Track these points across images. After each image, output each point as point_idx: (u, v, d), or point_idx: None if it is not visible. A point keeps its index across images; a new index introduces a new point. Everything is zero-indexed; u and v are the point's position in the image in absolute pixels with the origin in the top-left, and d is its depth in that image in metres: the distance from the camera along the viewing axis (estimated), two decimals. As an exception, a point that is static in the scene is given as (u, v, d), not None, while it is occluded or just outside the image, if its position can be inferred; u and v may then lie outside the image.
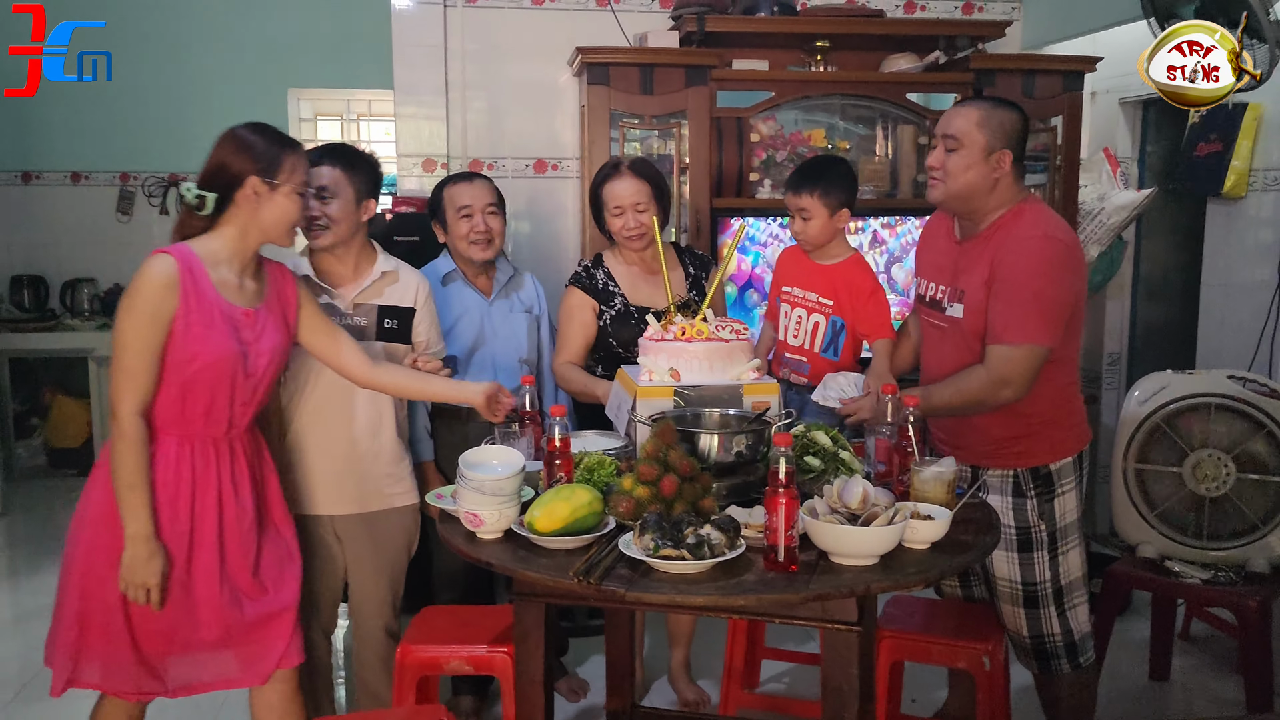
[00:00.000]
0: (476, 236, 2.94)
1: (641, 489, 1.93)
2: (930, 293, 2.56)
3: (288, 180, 2.18)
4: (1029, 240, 2.33)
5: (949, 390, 2.40)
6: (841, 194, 2.85)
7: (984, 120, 2.35)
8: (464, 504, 1.96)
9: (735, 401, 2.35)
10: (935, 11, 4.62)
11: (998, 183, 2.36)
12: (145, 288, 2.06)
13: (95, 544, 2.13)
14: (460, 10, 4.25)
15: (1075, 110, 4.14)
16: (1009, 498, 2.48)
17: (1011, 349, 2.31)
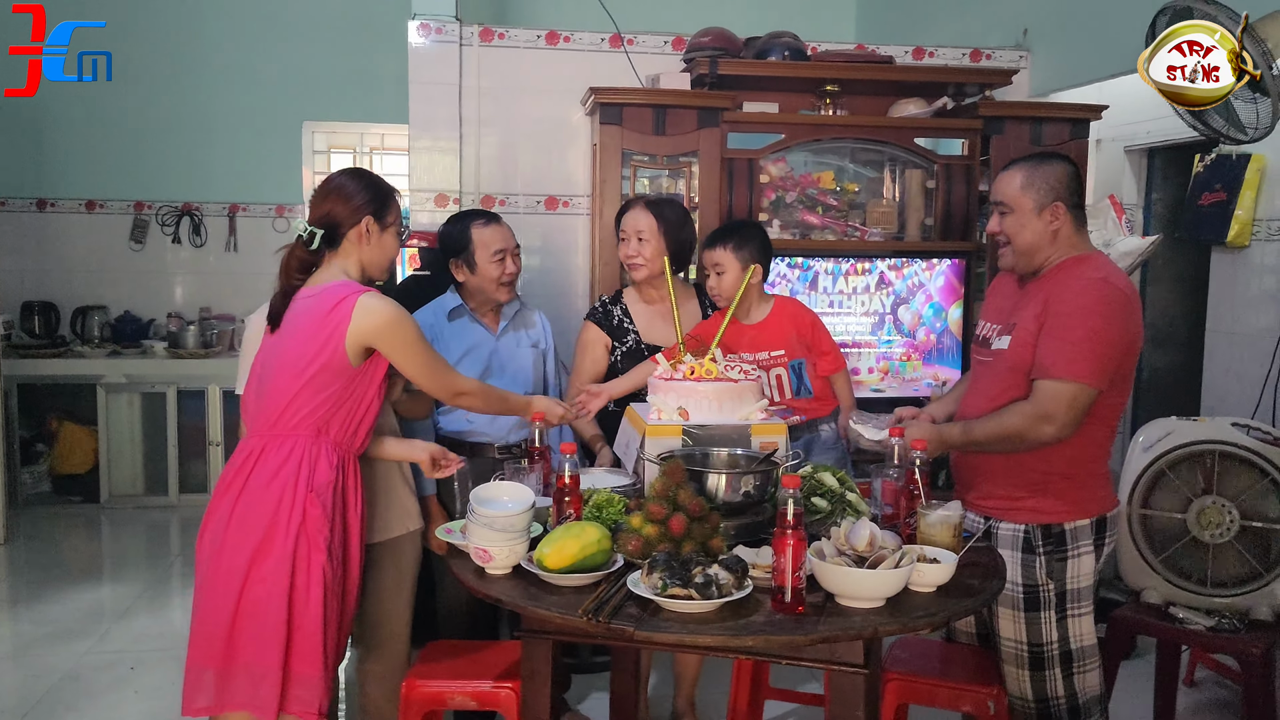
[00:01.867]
0: (508, 279, 2.99)
1: (650, 527, 1.95)
2: (983, 332, 2.57)
3: (394, 221, 2.41)
4: (1088, 280, 2.34)
5: (990, 424, 2.35)
6: (754, 251, 2.98)
7: (1028, 180, 2.39)
8: (474, 539, 1.97)
9: (743, 441, 2.37)
10: (944, 58, 4.69)
11: (1057, 234, 2.39)
12: (401, 317, 2.32)
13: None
14: (476, 49, 4.32)
15: (1081, 157, 4.19)
16: (1018, 553, 2.41)
17: (1058, 384, 2.27)
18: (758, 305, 3.04)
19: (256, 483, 2.25)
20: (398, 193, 2.46)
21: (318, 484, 2.24)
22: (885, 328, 4.22)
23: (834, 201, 4.24)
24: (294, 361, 2.28)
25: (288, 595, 2.20)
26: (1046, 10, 4.63)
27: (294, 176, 6.34)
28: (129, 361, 5.82)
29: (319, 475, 2.26)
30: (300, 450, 2.26)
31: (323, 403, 2.27)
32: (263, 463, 2.26)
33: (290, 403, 2.27)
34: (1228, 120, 3.05)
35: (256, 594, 2.20)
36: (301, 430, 2.27)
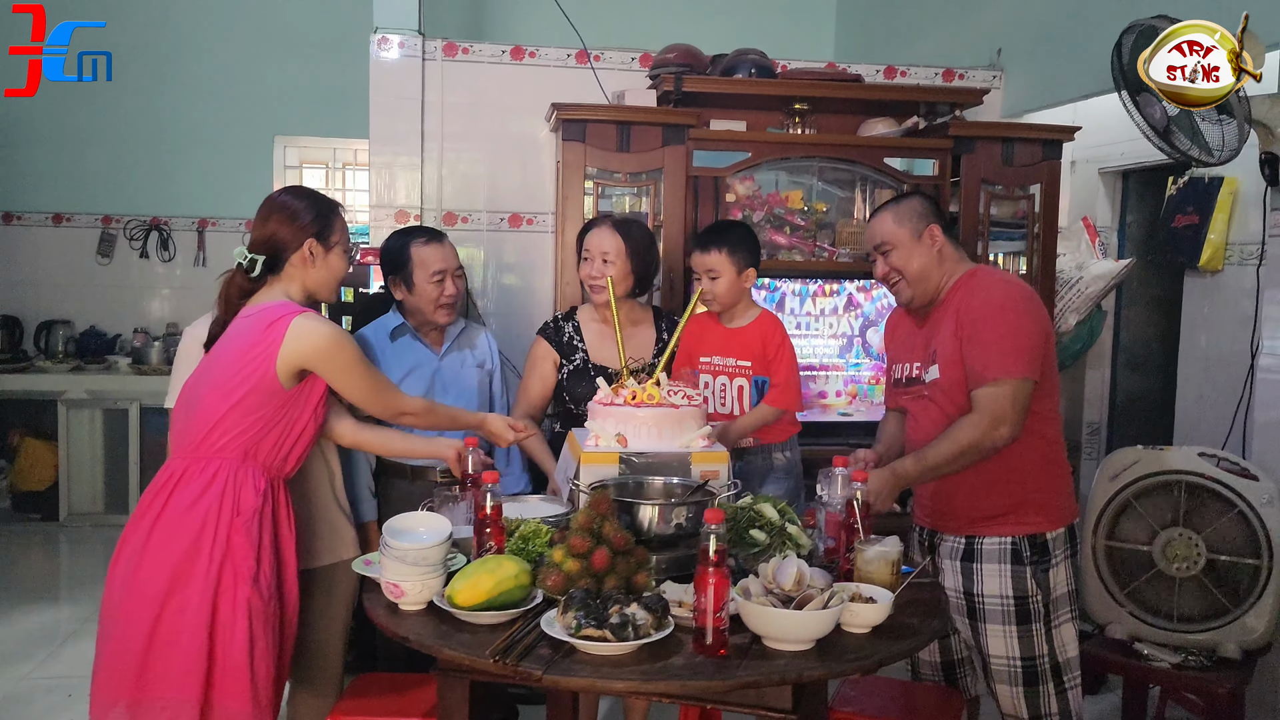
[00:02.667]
0: (446, 301, 2.90)
1: (572, 562, 1.85)
2: (905, 373, 2.58)
3: (339, 240, 2.34)
4: (988, 286, 2.42)
5: (943, 445, 2.34)
6: (747, 253, 2.89)
7: (897, 216, 2.50)
8: (386, 573, 1.88)
9: (683, 470, 2.28)
10: (916, 77, 4.62)
11: (940, 254, 2.47)
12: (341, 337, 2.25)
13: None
14: (439, 63, 4.24)
15: (1054, 179, 4.12)
16: (1007, 565, 2.41)
17: (997, 386, 2.30)
18: (744, 310, 2.97)
19: (176, 507, 2.16)
20: (342, 208, 2.39)
21: (244, 509, 2.15)
22: (854, 350, 4.13)
23: (802, 221, 4.15)
24: (223, 383, 2.20)
25: (209, 626, 2.10)
26: (1020, 31, 4.57)
27: (265, 191, 6.01)
28: (92, 377, 5.72)
29: (245, 501, 2.18)
30: (225, 474, 2.18)
31: (251, 425, 2.19)
32: (183, 486, 2.17)
33: (217, 424, 2.19)
34: (1194, 142, 2.98)
35: (174, 624, 2.10)
36: (227, 453, 2.18)
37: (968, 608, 2.45)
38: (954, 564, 2.47)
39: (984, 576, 2.42)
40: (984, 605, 2.42)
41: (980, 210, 4.08)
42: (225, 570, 2.13)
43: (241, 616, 2.12)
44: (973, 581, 2.44)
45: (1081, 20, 4.14)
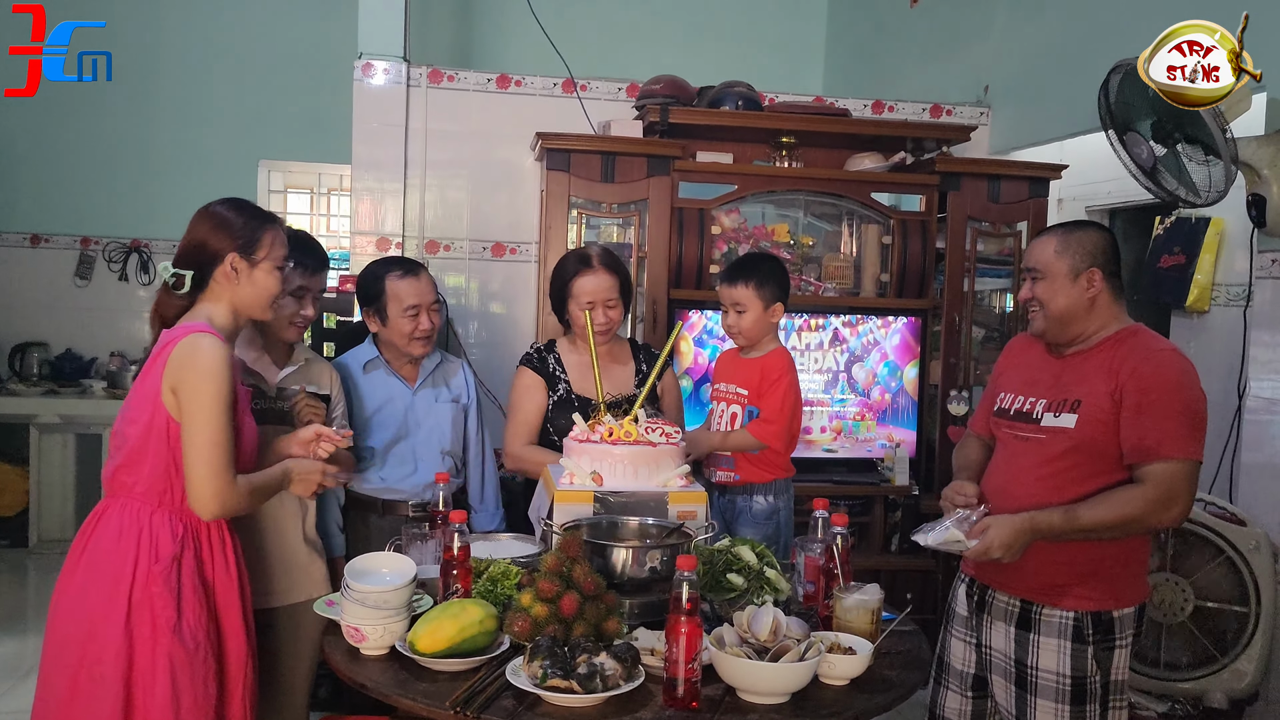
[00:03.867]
0: (421, 334, 2.83)
1: (540, 607, 1.78)
2: (1017, 405, 2.36)
3: (267, 256, 2.15)
4: (1163, 354, 2.21)
5: (1103, 509, 2.14)
6: (776, 288, 2.81)
7: (1062, 245, 2.28)
8: (346, 616, 1.81)
9: (660, 510, 2.22)
10: (904, 113, 4.61)
11: (1094, 301, 2.26)
12: (223, 368, 2.00)
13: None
14: (424, 90, 4.21)
15: (1040, 216, 4.11)
16: (1067, 641, 2.21)
17: (1175, 465, 2.11)
18: (765, 343, 2.87)
19: (95, 550, 2.02)
20: (277, 223, 2.21)
21: (161, 556, 2.00)
22: (839, 386, 4.09)
23: (788, 255, 4.12)
24: (131, 418, 2.05)
25: (125, 680, 1.95)
26: (1008, 68, 4.57)
27: (248, 215, 6.17)
28: (64, 401, 5.62)
29: (161, 547, 2.01)
30: (141, 518, 2.02)
31: (155, 468, 2.02)
32: (103, 528, 2.04)
33: (123, 464, 2.04)
34: (1180, 182, 2.96)
35: (92, 674, 1.96)
36: (139, 496, 2.04)
37: (1017, 676, 2.27)
38: (1008, 628, 2.28)
39: (1040, 649, 2.22)
40: (1037, 679, 2.23)
41: (967, 246, 4.06)
42: (142, 620, 1.97)
43: (162, 670, 1.96)
44: (1027, 652, 2.24)
45: (1068, 59, 4.14)
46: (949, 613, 2.50)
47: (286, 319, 2.47)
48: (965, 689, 2.41)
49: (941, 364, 4.09)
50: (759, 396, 2.79)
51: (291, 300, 2.46)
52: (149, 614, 1.97)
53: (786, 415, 2.77)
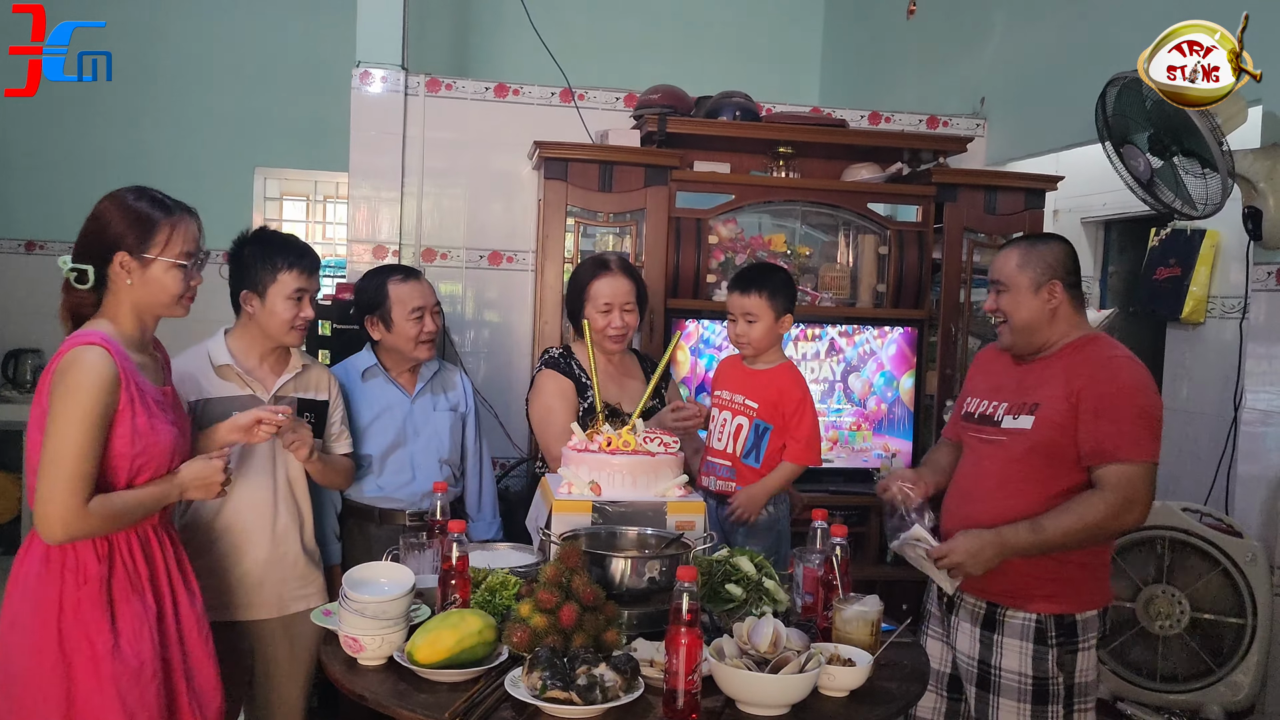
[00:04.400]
0: (426, 337, 2.84)
1: (539, 617, 1.78)
2: (981, 409, 2.45)
3: (162, 252, 1.98)
4: (1118, 360, 2.29)
5: (1065, 518, 2.20)
6: (786, 299, 2.81)
7: (1024, 259, 2.36)
8: (344, 626, 1.80)
9: (658, 520, 2.22)
10: (901, 124, 4.62)
11: (1055, 312, 2.34)
12: (92, 386, 1.85)
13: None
14: (422, 98, 4.21)
15: (1037, 227, 4.10)
16: (1029, 643, 2.28)
17: (1131, 467, 2.18)
18: (771, 354, 2.86)
19: (23, 582, 1.92)
20: (179, 214, 2.04)
21: (89, 577, 1.89)
22: (835, 396, 4.09)
23: (785, 265, 4.12)
24: (33, 442, 1.94)
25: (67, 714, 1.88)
26: (1004, 79, 4.58)
27: (244, 223, 6.12)
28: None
29: (86, 570, 1.91)
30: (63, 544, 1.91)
31: None
32: (30, 556, 1.94)
33: (34, 489, 1.92)
34: (1177, 195, 2.97)
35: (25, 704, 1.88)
36: None
37: (979, 677, 2.33)
38: (973, 629, 2.35)
39: (1004, 650, 2.30)
40: (1000, 679, 2.30)
41: (963, 257, 4.07)
42: (77, 648, 1.88)
43: (110, 696, 1.87)
44: (991, 652, 2.31)
45: (1064, 70, 4.16)
46: (924, 613, 2.56)
47: (286, 323, 2.45)
48: (941, 688, 2.48)
49: (938, 374, 4.09)
50: (781, 418, 2.78)
51: (290, 304, 2.44)
52: (84, 640, 1.88)
53: (818, 432, 2.79)
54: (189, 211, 2.08)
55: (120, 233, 1.97)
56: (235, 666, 2.46)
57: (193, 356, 2.45)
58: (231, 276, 2.49)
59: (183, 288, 2.03)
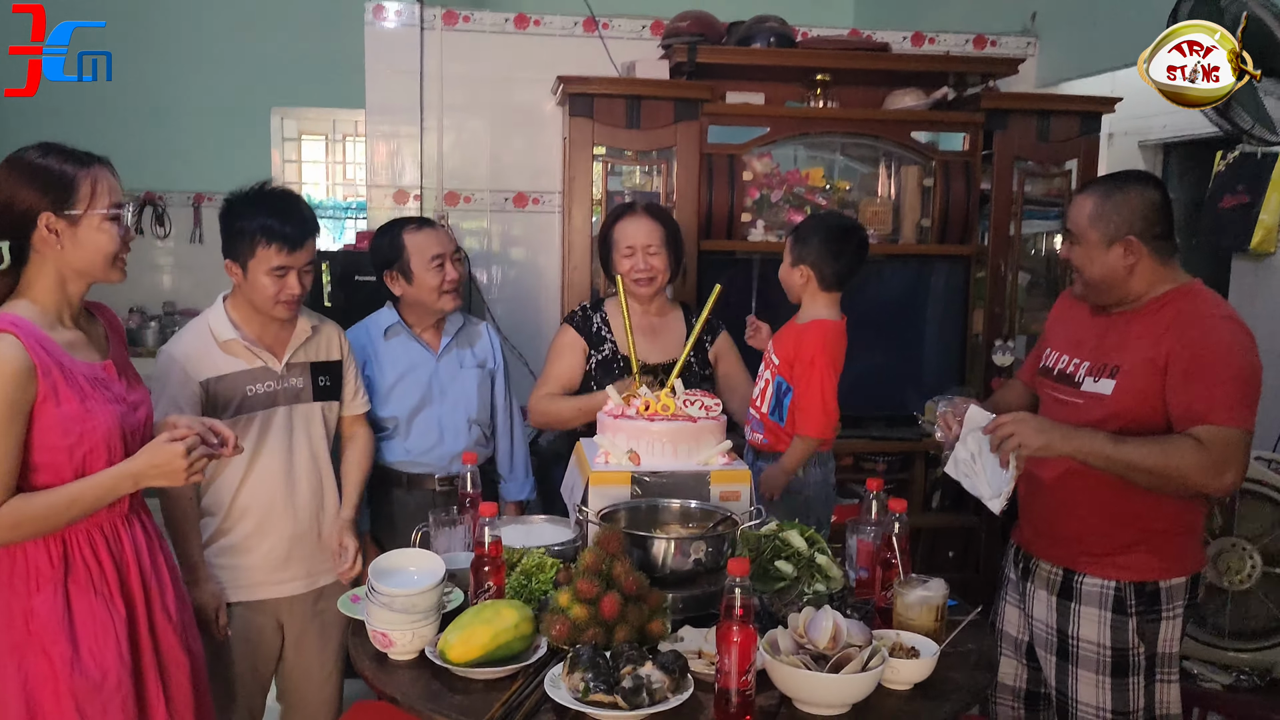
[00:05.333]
0: (449, 286, 2.69)
1: (579, 608, 1.65)
2: (1060, 365, 2.26)
3: (90, 206, 1.79)
4: (1218, 320, 2.07)
5: (1152, 450, 1.98)
6: (805, 249, 2.59)
7: (1098, 210, 2.13)
8: (373, 621, 1.69)
9: (701, 490, 2.08)
10: (945, 45, 4.36)
11: (1133, 269, 2.11)
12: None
13: None
14: (439, 32, 4.00)
15: (1092, 154, 3.88)
16: (1107, 612, 2.13)
17: (1228, 431, 1.96)
18: (808, 307, 2.64)
19: None
20: (96, 164, 1.83)
21: (42, 586, 1.75)
22: (878, 336, 3.91)
23: (823, 200, 3.92)
24: None
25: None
26: (1057, -8, 4.30)
27: (263, 164, 6.02)
28: (85, 360, 5.53)
29: (39, 577, 1.76)
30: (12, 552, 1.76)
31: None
32: None
33: None
34: (1256, 118, 2.75)
35: None
36: None
37: (1059, 646, 2.20)
38: (1049, 597, 2.21)
39: (1081, 619, 2.16)
40: (1078, 649, 2.16)
41: (1013, 188, 3.85)
42: (36, 662, 1.74)
43: (69, 710, 1.74)
44: (1068, 621, 2.17)
45: (1123, -19, 3.88)
46: (1002, 578, 2.42)
47: (270, 299, 2.27)
48: (1020, 656, 2.35)
49: (985, 313, 3.91)
50: (791, 374, 2.59)
51: (272, 280, 2.25)
52: (41, 653, 1.74)
53: (823, 399, 2.53)
54: (103, 162, 1.86)
55: (36, 196, 1.77)
56: (261, 645, 2.38)
57: (194, 333, 2.31)
58: (222, 238, 2.32)
59: (118, 244, 1.84)
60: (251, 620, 2.36)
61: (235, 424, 2.28)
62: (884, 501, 1.96)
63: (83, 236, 1.80)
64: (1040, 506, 2.25)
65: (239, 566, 2.35)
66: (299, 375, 2.38)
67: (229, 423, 2.25)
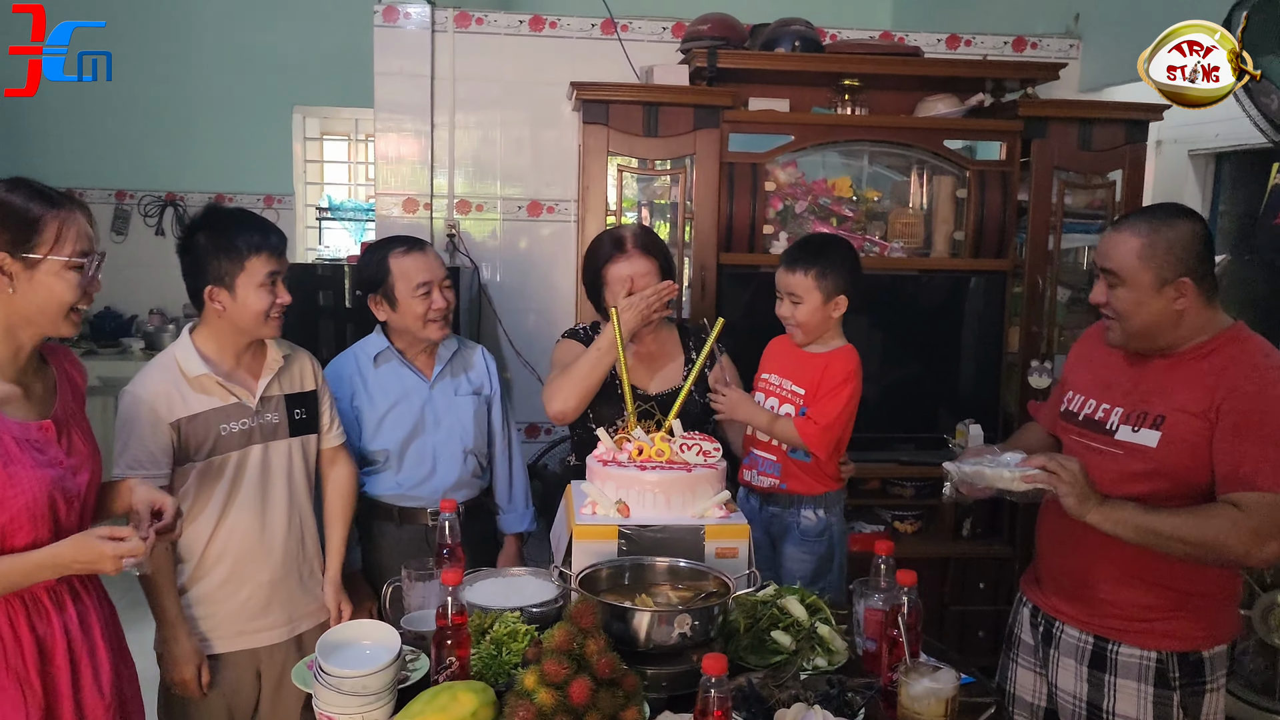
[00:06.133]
0: (435, 315, 2.54)
1: (545, 693, 1.50)
2: (1087, 410, 2.07)
3: (52, 251, 1.68)
4: (1266, 367, 1.87)
5: (1189, 522, 1.82)
6: (840, 279, 2.42)
7: (1148, 249, 1.90)
8: (319, 702, 1.54)
9: (695, 547, 1.92)
10: (982, 47, 4.13)
11: (1184, 313, 1.92)
12: None
13: None
14: (450, 35, 3.86)
15: (1138, 164, 3.66)
16: (1148, 686, 1.95)
17: (1275, 496, 1.80)
18: (828, 338, 2.49)
19: None
20: (66, 207, 1.72)
21: None
22: (906, 356, 3.72)
23: (850, 212, 3.73)
24: None
25: None
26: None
27: (284, 164, 5.94)
28: (104, 362, 5.46)
29: None
30: None
31: None
32: None
33: None
34: (1318, 136, 2.51)
35: None
36: None
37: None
38: (1078, 666, 2.02)
39: (1117, 692, 1.97)
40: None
41: (1053, 200, 3.63)
42: None
43: None
44: (1102, 695, 1.98)
45: (1174, -19, 3.63)
46: (1012, 639, 2.21)
47: (262, 314, 2.15)
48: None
49: (1021, 330, 3.70)
50: (815, 398, 2.43)
51: (264, 292, 2.13)
52: None
53: (841, 424, 2.39)
54: (79, 205, 1.74)
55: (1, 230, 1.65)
56: (238, 697, 2.26)
57: (161, 369, 2.17)
58: (187, 272, 2.19)
59: (76, 294, 1.71)
60: (228, 673, 2.24)
61: (209, 467, 2.16)
62: (892, 568, 1.78)
63: (39, 281, 1.68)
64: (1065, 563, 2.05)
65: (215, 616, 2.22)
66: (274, 410, 2.24)
67: (202, 466, 2.15)
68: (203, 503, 2.17)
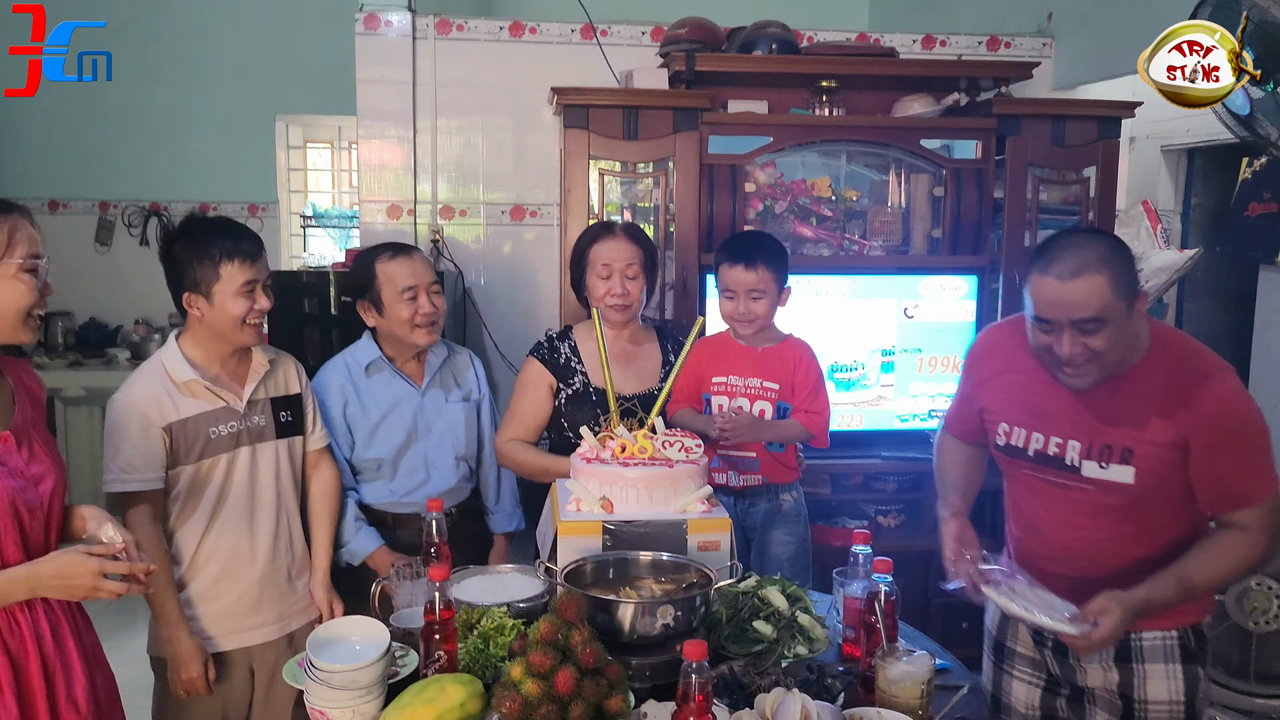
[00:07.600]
0: (422, 320, 2.57)
1: (531, 684, 1.53)
2: (1036, 445, 2.00)
3: (5, 254, 1.69)
4: (1218, 380, 1.86)
5: (1217, 567, 1.87)
6: (785, 269, 2.57)
7: (1115, 281, 1.81)
8: (310, 698, 1.57)
9: (678, 540, 1.96)
10: (957, 47, 4.19)
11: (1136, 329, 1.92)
12: None
13: None
14: (431, 42, 3.89)
15: (1111, 160, 3.71)
16: (1176, 665, 1.95)
17: (1271, 501, 1.85)
18: (773, 331, 2.60)
19: None
20: (14, 212, 1.73)
21: None
22: (887, 352, 3.76)
23: (829, 211, 3.78)
24: None
25: None
26: (1074, -9, 4.12)
27: (267, 173, 5.97)
28: (89, 373, 5.49)
29: None
30: None
31: None
32: None
33: None
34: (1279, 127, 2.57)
35: None
36: None
37: (1124, 710, 1.99)
38: (1105, 662, 1.99)
39: (1148, 678, 1.96)
40: (1147, 713, 1.97)
41: (1028, 196, 3.69)
42: None
43: None
44: (1132, 686, 1.97)
45: (1143, -21, 3.70)
46: (1003, 649, 2.17)
47: (239, 319, 2.17)
48: None
49: (1000, 326, 3.74)
50: (794, 391, 2.50)
51: (241, 299, 2.17)
52: None
53: (829, 412, 2.51)
54: (23, 211, 1.74)
55: None
56: (232, 696, 2.29)
57: (149, 376, 2.20)
58: (169, 279, 2.22)
59: (33, 298, 1.72)
60: (221, 671, 2.27)
61: (199, 470, 2.20)
62: (870, 558, 1.82)
63: None
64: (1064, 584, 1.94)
65: (210, 615, 2.26)
66: (261, 413, 2.28)
67: (193, 469, 2.18)
68: (194, 505, 2.21)
